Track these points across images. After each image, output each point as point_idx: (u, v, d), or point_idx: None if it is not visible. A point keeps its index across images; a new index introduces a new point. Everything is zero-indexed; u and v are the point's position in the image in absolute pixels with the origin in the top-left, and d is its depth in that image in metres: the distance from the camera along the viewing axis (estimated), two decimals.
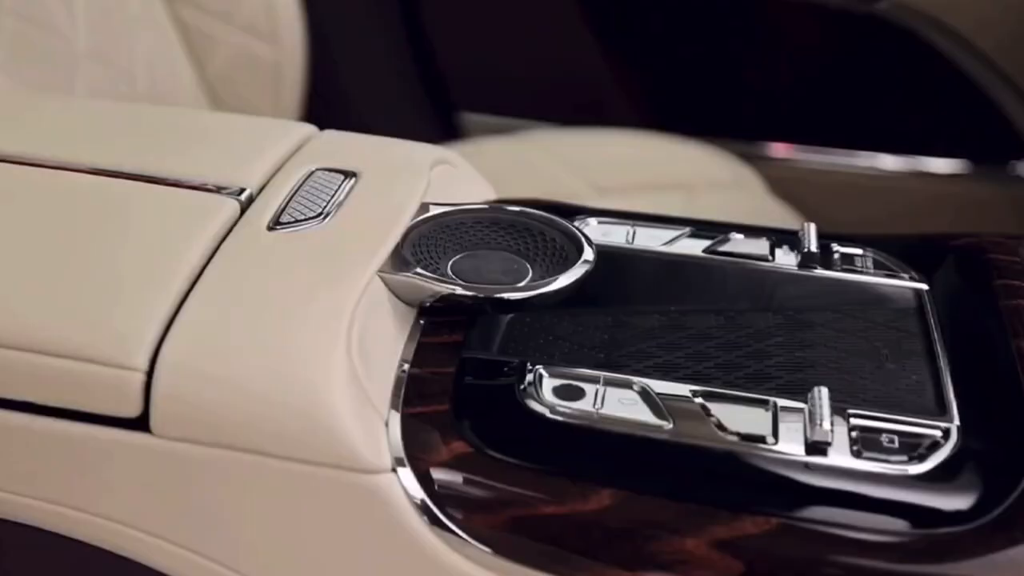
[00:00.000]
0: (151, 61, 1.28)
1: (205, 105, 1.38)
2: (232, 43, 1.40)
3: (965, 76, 1.64)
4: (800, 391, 0.69)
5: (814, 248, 0.79)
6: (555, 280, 0.72)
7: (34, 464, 0.66)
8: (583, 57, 1.75)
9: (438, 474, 0.63)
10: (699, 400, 0.67)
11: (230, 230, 0.71)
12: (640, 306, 0.78)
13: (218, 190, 0.74)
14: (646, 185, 1.51)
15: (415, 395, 0.66)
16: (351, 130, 0.86)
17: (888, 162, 1.72)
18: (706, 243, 0.82)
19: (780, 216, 1.49)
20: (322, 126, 0.87)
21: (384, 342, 0.69)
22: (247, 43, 1.40)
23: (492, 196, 0.88)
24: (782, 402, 0.66)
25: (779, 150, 1.75)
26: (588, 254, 0.74)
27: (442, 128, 1.73)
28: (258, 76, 1.43)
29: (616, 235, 0.83)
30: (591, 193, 1.49)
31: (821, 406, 0.63)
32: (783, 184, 1.62)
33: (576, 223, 0.82)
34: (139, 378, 0.63)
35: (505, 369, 0.69)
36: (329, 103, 1.56)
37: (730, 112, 1.76)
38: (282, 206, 0.73)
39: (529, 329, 0.75)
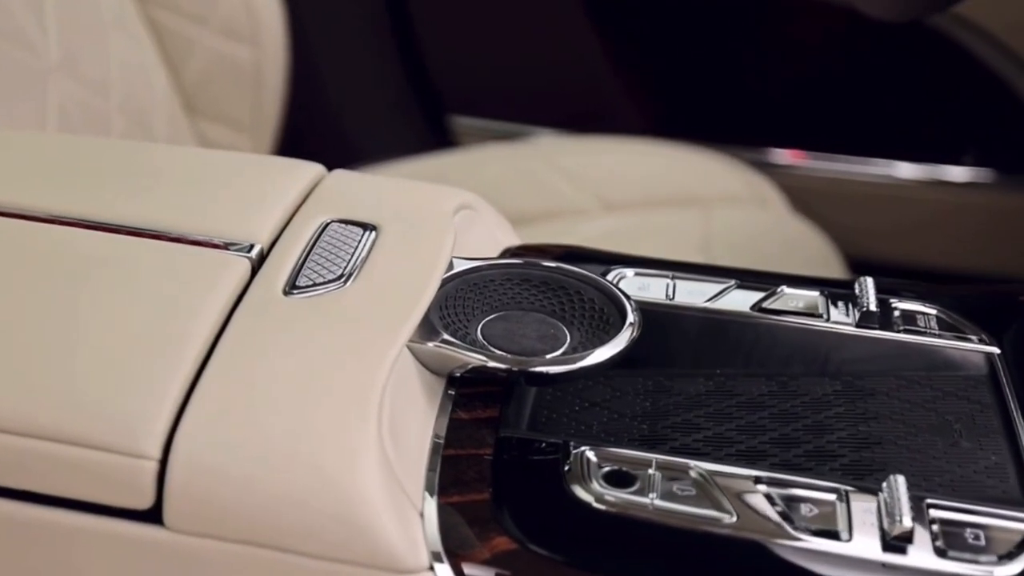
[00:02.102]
0: (125, 70, 1.25)
1: (181, 115, 1.35)
2: (209, 47, 1.37)
3: (996, 79, 1.63)
4: (867, 472, 0.67)
5: (873, 306, 0.77)
6: (597, 351, 0.70)
7: (37, 558, 0.64)
8: (583, 57, 1.74)
9: (478, 572, 0.61)
10: (763, 487, 0.65)
11: (242, 294, 0.69)
12: (683, 369, 0.77)
13: (226, 247, 0.72)
14: (657, 200, 1.49)
15: (451, 481, 0.65)
16: (336, 139, 0.84)
17: (909, 171, 1.72)
18: (754, 298, 0.81)
19: (802, 235, 1.48)
20: (305, 135, 0.85)
21: (415, 419, 0.67)
22: (225, 46, 1.38)
23: (515, 241, 0.87)
24: (853, 490, 0.65)
25: (791, 157, 1.74)
26: (631, 316, 0.73)
27: (433, 134, 1.71)
28: (237, 82, 1.40)
29: (655, 289, 0.81)
30: (598, 209, 1.48)
31: (899, 498, 0.62)
32: (799, 195, 1.61)
33: (611, 275, 0.81)
34: (151, 467, 0.61)
35: (547, 450, 0.68)
36: (312, 110, 1.54)
37: (740, 118, 1.75)
38: (297, 266, 0.71)
39: (562, 394, 0.74)
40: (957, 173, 1.73)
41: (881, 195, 1.73)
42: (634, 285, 0.81)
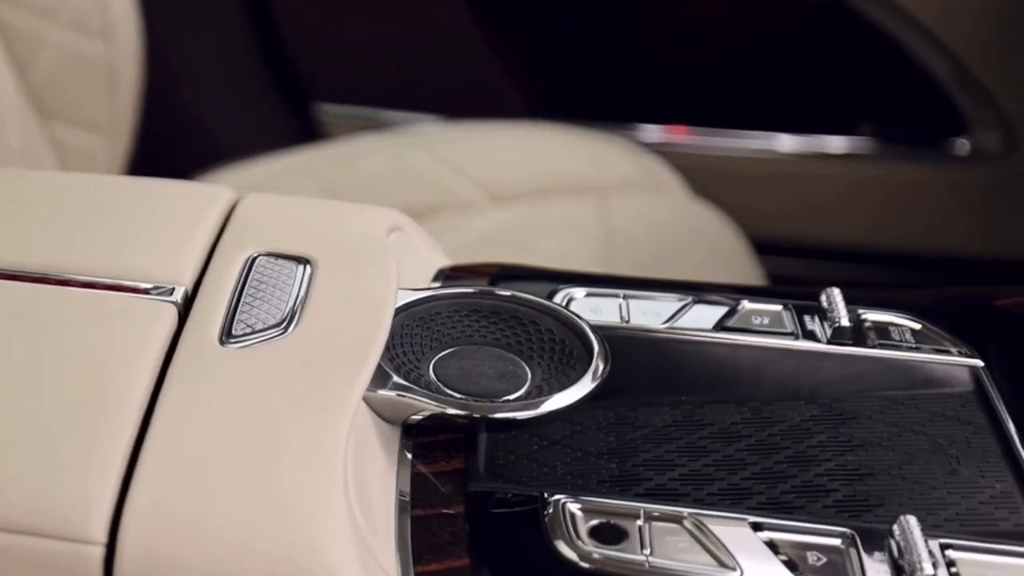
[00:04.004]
0: None
1: (32, 118, 1.28)
2: (59, 42, 1.31)
3: (890, 46, 1.64)
4: (865, 509, 0.66)
5: (845, 320, 0.76)
6: (567, 391, 0.68)
7: None
8: (459, 37, 1.70)
9: None
10: (763, 535, 0.63)
11: (173, 346, 0.64)
12: (645, 398, 0.74)
13: (146, 292, 0.67)
14: (549, 189, 1.47)
15: (425, 547, 0.61)
16: (196, 137, 0.80)
17: (804, 144, 1.73)
18: (715, 315, 0.78)
19: (703, 219, 1.47)
20: (163, 134, 0.80)
21: (376, 477, 0.64)
22: (76, 42, 1.32)
23: (444, 261, 0.83)
24: (859, 533, 0.63)
25: (682, 135, 1.73)
26: (597, 347, 0.70)
27: (301, 125, 1.66)
28: (90, 79, 1.34)
29: (608, 311, 0.79)
30: (486, 201, 1.45)
31: (915, 543, 0.60)
32: (694, 175, 1.60)
33: (559, 296, 0.78)
34: (98, 553, 0.57)
35: (523, 503, 0.64)
36: (169, 107, 1.48)
37: (626, 95, 1.73)
38: (230, 310, 0.67)
39: (518, 432, 0.71)
40: (852, 146, 1.74)
41: (777, 172, 1.73)
42: (586, 307, 0.78)
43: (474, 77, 1.72)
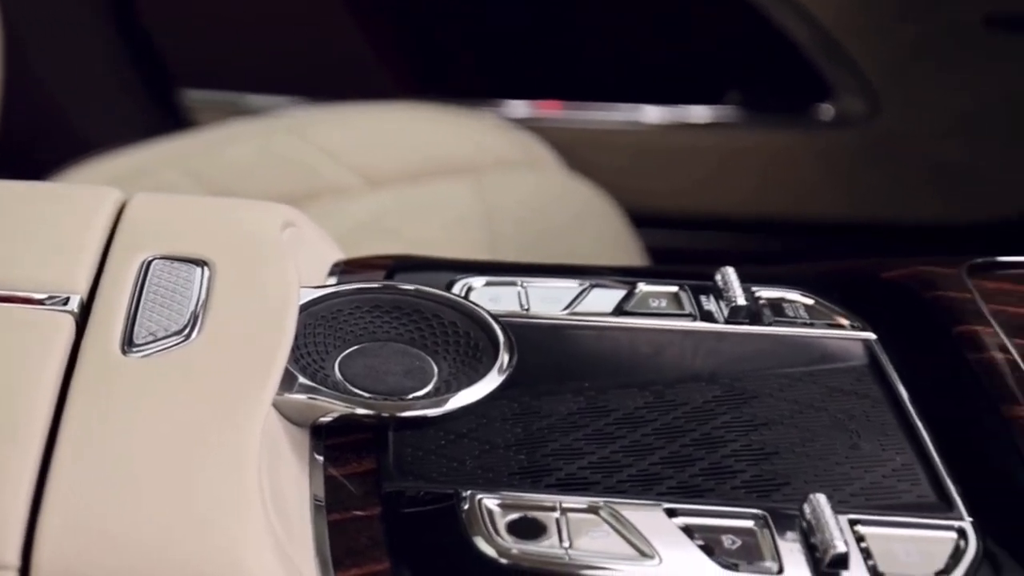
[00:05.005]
0: None
1: None
2: None
3: (763, 17, 1.66)
4: (773, 488, 0.67)
5: (741, 299, 0.77)
6: (476, 386, 0.68)
7: None
8: (324, 16, 1.68)
9: None
10: (678, 520, 0.64)
11: (73, 358, 0.63)
12: (548, 386, 0.74)
13: (40, 302, 0.65)
14: (425, 170, 1.46)
15: (344, 552, 0.61)
16: (57, 129, 0.78)
17: (681, 115, 1.74)
18: (614, 299, 0.79)
19: (582, 195, 1.48)
20: (22, 128, 0.78)
21: (290, 483, 0.63)
22: None
23: (338, 255, 0.83)
24: (771, 514, 0.64)
25: (552, 109, 1.74)
26: (503, 339, 0.71)
27: (163, 113, 1.63)
28: None
29: (507, 299, 0.79)
30: (362, 185, 1.44)
31: (826, 520, 0.62)
32: (567, 150, 1.61)
33: (458, 287, 0.78)
34: None
35: (441, 502, 0.64)
36: (27, 100, 1.44)
37: (499, 72, 1.73)
38: (129, 317, 0.66)
39: (423, 429, 0.71)
40: (720, 115, 1.77)
41: (649, 144, 1.75)
42: (485, 297, 0.79)
43: (342, 58, 1.71)
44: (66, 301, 0.67)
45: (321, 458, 0.67)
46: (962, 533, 0.64)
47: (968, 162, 1.73)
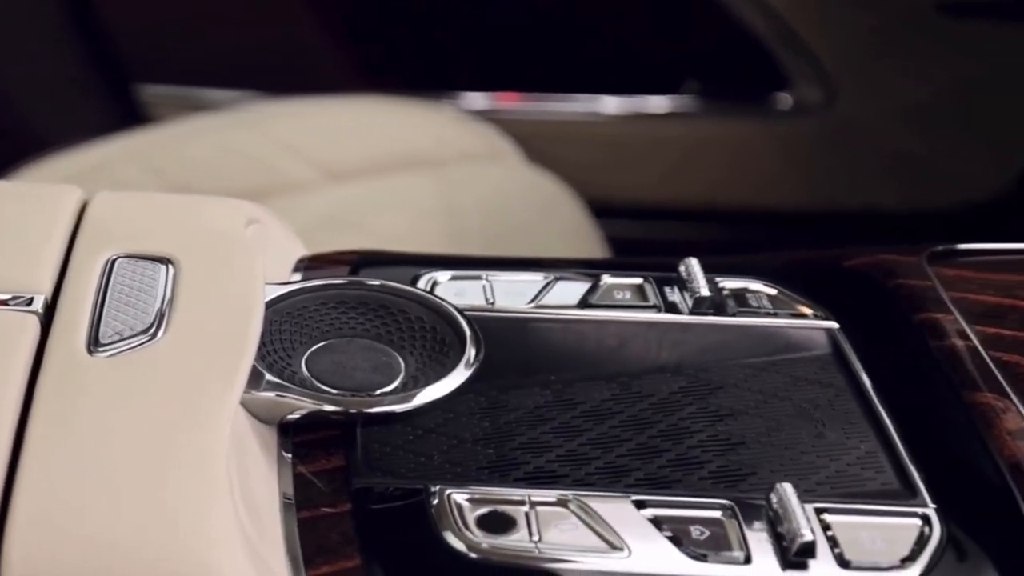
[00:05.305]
0: None
1: None
2: None
3: (720, 5, 1.67)
4: (740, 478, 0.68)
5: (705, 290, 0.78)
6: (444, 380, 0.68)
7: None
8: (281, 9, 1.68)
9: None
10: (647, 512, 0.64)
11: (39, 359, 0.63)
12: (515, 379, 0.75)
13: (4, 303, 0.65)
14: (386, 164, 1.46)
15: (315, 550, 0.61)
16: (10, 126, 0.78)
17: (639, 105, 1.75)
18: (578, 292, 0.80)
19: (545, 189, 1.48)
20: None
21: (259, 482, 0.63)
22: None
23: (302, 250, 0.83)
24: (739, 504, 0.65)
25: (511, 101, 1.74)
26: (469, 333, 0.71)
27: (121, 109, 1.62)
28: None
29: (472, 294, 0.80)
30: (322, 180, 1.44)
31: (793, 509, 0.62)
32: (528, 142, 1.61)
33: (423, 281, 0.79)
34: None
35: (410, 498, 0.65)
36: None
37: (458, 64, 1.73)
38: (94, 317, 0.65)
39: (391, 424, 0.71)
40: (678, 105, 1.77)
41: (608, 134, 1.75)
42: (451, 291, 0.79)
43: (299, 51, 1.70)
44: (30, 301, 0.66)
45: (289, 456, 0.67)
46: (926, 520, 0.65)
47: (925, 150, 1.74)
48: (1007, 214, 1.72)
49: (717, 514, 0.65)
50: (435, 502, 0.64)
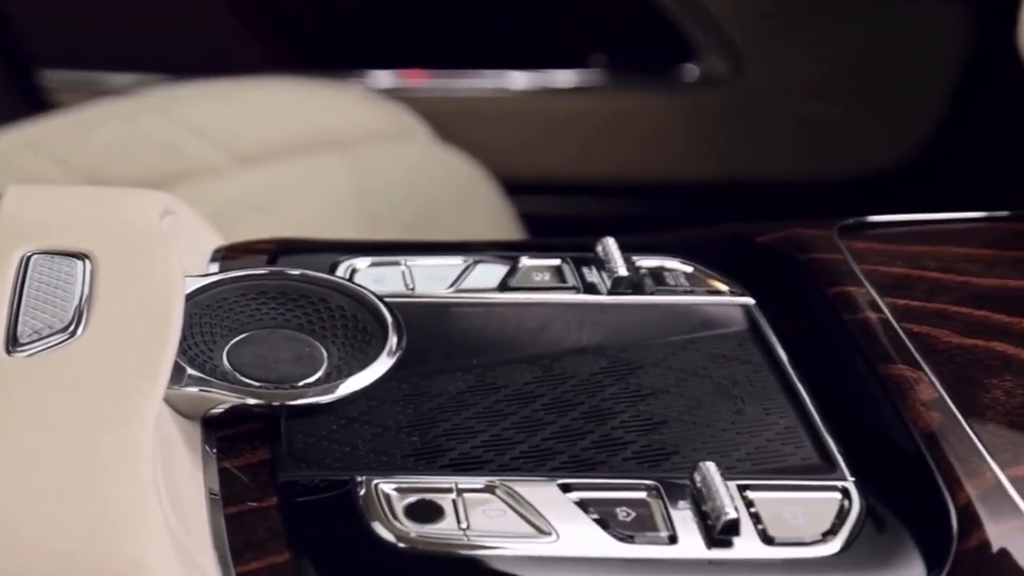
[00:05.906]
0: None
1: None
2: None
3: None
4: (663, 457, 0.69)
5: (623, 270, 0.79)
6: (368, 369, 0.68)
7: None
8: None
9: None
10: (573, 495, 0.65)
11: None
12: (437, 365, 0.75)
13: None
14: (295, 146, 1.45)
15: (243, 545, 0.61)
16: None
17: (546, 80, 1.75)
18: (497, 275, 0.80)
19: (457, 168, 1.48)
20: None
21: (184, 478, 0.63)
22: None
23: (217, 241, 0.83)
24: (663, 484, 0.66)
25: (419, 79, 1.73)
26: (391, 321, 0.71)
27: (22, 95, 1.60)
28: None
29: (392, 280, 0.80)
30: (231, 164, 1.43)
31: (716, 488, 0.63)
32: (438, 120, 1.61)
33: (342, 269, 0.79)
34: None
35: (337, 489, 0.65)
36: None
37: (363, 42, 1.73)
38: (12, 316, 0.65)
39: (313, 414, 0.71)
40: (585, 79, 1.78)
41: (516, 110, 1.76)
42: (370, 278, 0.79)
43: (204, 33, 1.69)
44: None
45: (214, 451, 0.66)
46: (846, 493, 0.66)
47: (833, 119, 1.76)
48: (914, 181, 1.75)
49: (642, 495, 0.65)
50: (362, 493, 0.64)
